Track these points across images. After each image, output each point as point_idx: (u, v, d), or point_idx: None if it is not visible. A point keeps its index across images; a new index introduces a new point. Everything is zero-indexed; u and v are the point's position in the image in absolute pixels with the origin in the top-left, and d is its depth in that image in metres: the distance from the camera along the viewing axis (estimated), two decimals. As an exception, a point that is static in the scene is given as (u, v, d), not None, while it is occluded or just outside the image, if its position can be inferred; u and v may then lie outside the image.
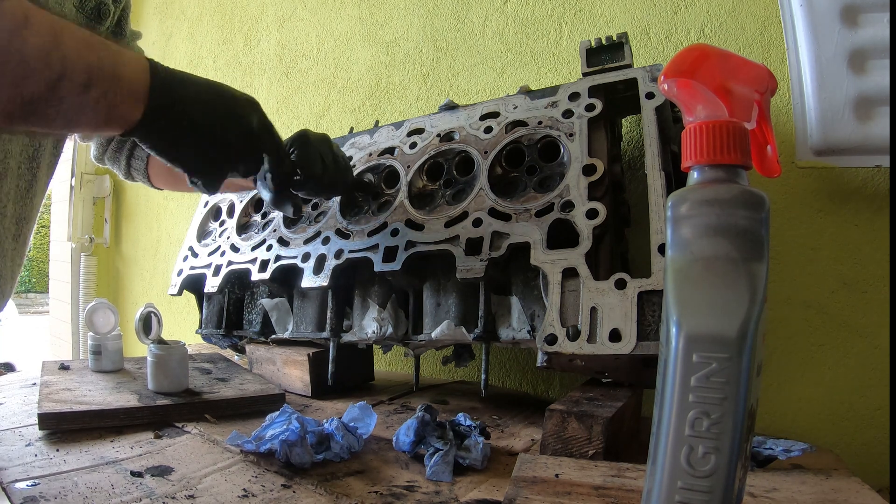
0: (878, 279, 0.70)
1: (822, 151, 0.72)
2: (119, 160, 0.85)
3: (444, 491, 0.49)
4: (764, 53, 0.78)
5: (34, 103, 0.43)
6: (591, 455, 0.52)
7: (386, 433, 0.65)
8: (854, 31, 0.69)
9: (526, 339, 0.67)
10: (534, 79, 1.02)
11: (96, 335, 0.87)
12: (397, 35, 1.25)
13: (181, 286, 1.02)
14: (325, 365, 0.82)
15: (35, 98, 0.43)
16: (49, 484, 0.48)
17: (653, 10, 0.89)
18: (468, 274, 0.67)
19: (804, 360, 0.74)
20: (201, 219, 1.09)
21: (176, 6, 2.00)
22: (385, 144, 0.88)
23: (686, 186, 0.32)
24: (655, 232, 0.59)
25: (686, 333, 0.30)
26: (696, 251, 0.31)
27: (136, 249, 2.11)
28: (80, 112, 0.46)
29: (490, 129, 0.77)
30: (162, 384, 0.73)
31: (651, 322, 0.55)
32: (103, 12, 0.69)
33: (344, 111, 1.35)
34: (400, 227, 0.75)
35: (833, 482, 0.47)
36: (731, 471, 0.28)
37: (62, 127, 0.47)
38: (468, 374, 1.04)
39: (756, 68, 0.33)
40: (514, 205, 0.68)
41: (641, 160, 0.83)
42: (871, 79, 0.68)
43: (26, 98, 0.43)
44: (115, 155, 0.85)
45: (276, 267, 0.86)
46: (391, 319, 0.78)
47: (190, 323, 1.73)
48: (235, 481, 0.51)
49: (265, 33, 1.59)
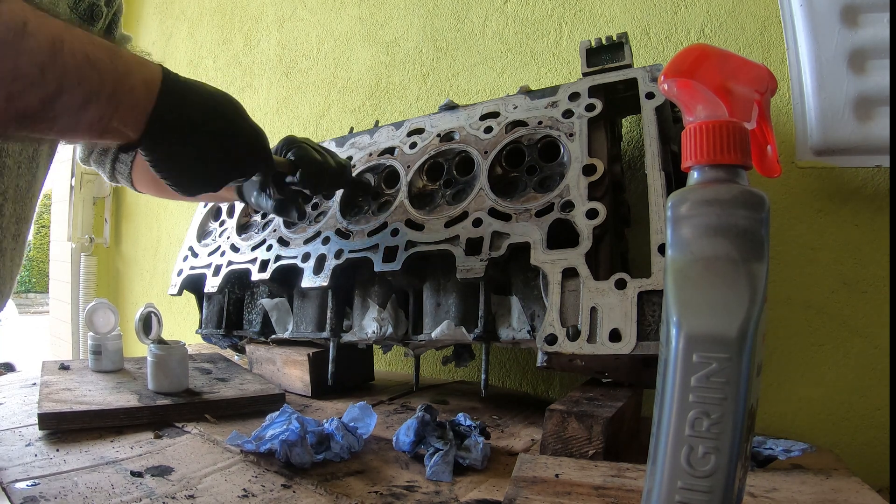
0: (878, 279, 0.70)
1: (822, 151, 0.72)
2: (104, 163, 0.83)
3: (444, 491, 0.49)
4: (764, 53, 0.78)
5: (27, 118, 0.42)
6: (591, 455, 0.52)
7: (386, 433, 0.65)
8: (854, 31, 0.69)
9: (526, 339, 0.67)
10: (534, 79, 1.02)
11: (96, 335, 0.87)
12: (397, 35, 1.25)
13: (181, 286, 1.02)
14: (325, 365, 0.82)
15: (28, 113, 0.41)
16: (49, 484, 0.48)
17: (653, 10, 0.89)
18: (468, 274, 0.67)
19: (804, 360, 0.74)
20: (201, 219, 1.09)
21: (176, 6, 2.00)
22: (385, 144, 0.88)
23: (686, 186, 0.32)
24: (655, 232, 0.59)
25: (686, 333, 0.30)
26: (696, 251, 0.31)
27: (136, 249, 2.11)
28: (74, 129, 0.45)
29: (490, 129, 0.77)
30: (162, 384, 0.73)
31: (651, 322, 0.55)
32: (96, 14, 0.68)
33: (344, 111, 1.35)
34: (400, 227, 0.75)
35: (833, 482, 0.47)
36: (731, 471, 0.28)
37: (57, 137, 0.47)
38: (468, 374, 1.04)
39: (756, 68, 0.33)
40: (514, 205, 0.68)
41: (641, 160, 0.83)
42: (871, 79, 0.68)
43: (19, 112, 0.41)
44: (100, 158, 0.83)
45: (276, 267, 0.86)
46: (391, 319, 0.78)
47: (190, 323, 1.73)
48: (235, 481, 0.51)
49: (265, 33, 1.59)
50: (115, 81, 0.45)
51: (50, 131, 0.44)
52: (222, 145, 0.54)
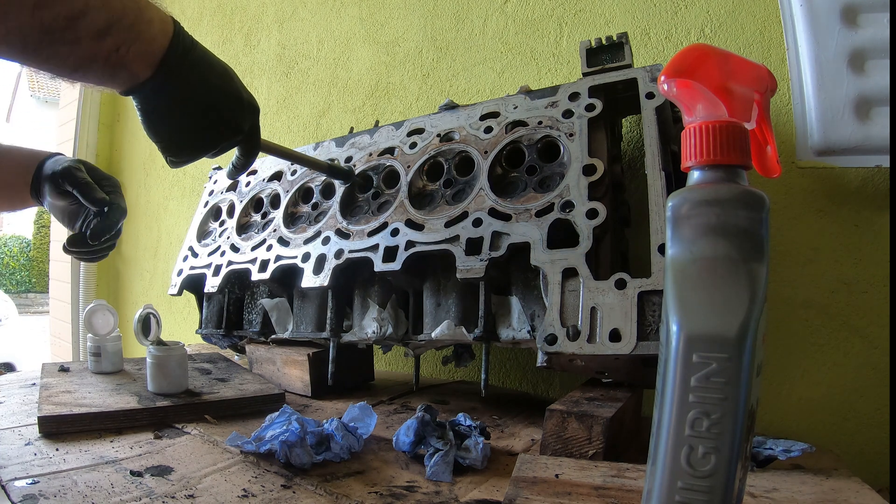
0: (878, 279, 0.70)
1: (822, 151, 0.72)
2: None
3: (444, 491, 0.49)
4: (764, 53, 0.78)
5: (51, 33, 0.43)
6: (591, 455, 0.52)
7: (386, 433, 0.65)
8: (854, 31, 0.69)
9: (526, 339, 0.67)
10: (534, 79, 1.02)
11: (95, 337, 0.87)
12: (397, 35, 1.25)
13: (181, 286, 1.02)
14: (325, 365, 0.82)
15: (53, 28, 0.43)
16: (48, 482, 0.48)
17: (653, 10, 0.89)
18: (468, 274, 0.67)
19: (804, 360, 0.74)
20: (201, 219, 1.09)
21: (176, 6, 2.00)
22: (385, 144, 0.88)
23: (686, 186, 0.32)
24: (655, 232, 0.58)
25: (686, 333, 0.30)
26: (696, 251, 0.30)
27: (136, 249, 2.11)
28: (91, 59, 0.46)
29: (490, 129, 0.77)
30: (161, 385, 0.73)
31: (651, 322, 0.55)
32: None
33: (344, 111, 1.35)
34: (400, 226, 0.75)
35: (833, 482, 0.47)
36: (731, 471, 0.28)
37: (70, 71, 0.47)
38: (468, 374, 1.04)
39: (756, 68, 0.33)
40: (514, 205, 0.68)
41: (641, 160, 0.83)
42: (871, 79, 0.68)
43: (45, 25, 0.42)
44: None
45: (276, 267, 0.86)
46: (391, 319, 0.78)
47: (190, 323, 1.73)
48: (235, 481, 0.51)
49: (265, 33, 1.59)
50: (136, 11, 0.47)
51: (69, 57, 0.45)
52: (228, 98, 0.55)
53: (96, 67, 0.47)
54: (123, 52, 0.47)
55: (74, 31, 0.44)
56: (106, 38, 0.45)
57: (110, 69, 0.47)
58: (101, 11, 0.44)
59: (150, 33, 0.48)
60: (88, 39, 0.44)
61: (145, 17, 0.48)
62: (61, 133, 2.33)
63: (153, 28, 0.48)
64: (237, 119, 0.57)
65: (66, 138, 2.24)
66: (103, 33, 0.45)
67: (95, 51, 0.45)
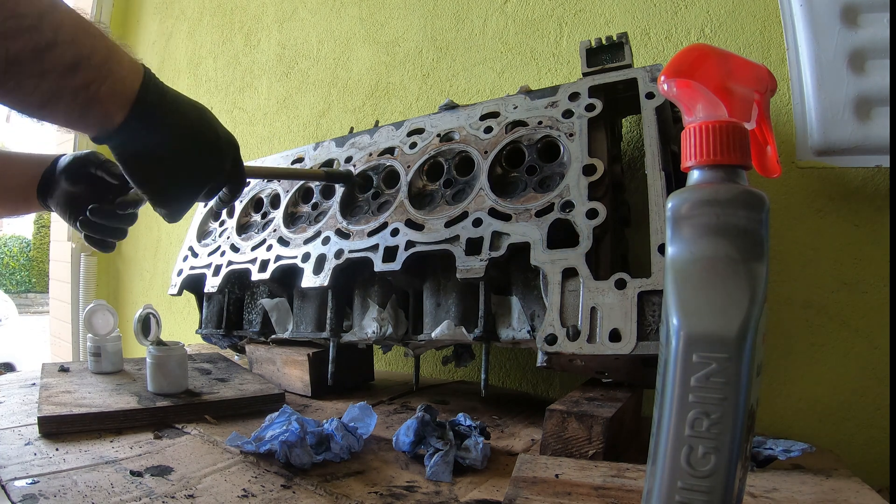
0: (878, 279, 0.70)
1: (822, 151, 0.72)
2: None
3: (444, 491, 0.49)
4: (764, 53, 0.78)
5: (17, 64, 0.41)
6: (591, 455, 0.52)
7: (386, 433, 0.65)
8: (854, 31, 0.69)
9: (526, 339, 0.67)
10: (534, 79, 1.02)
11: (95, 337, 0.87)
12: (397, 35, 1.25)
13: (181, 286, 1.02)
14: (325, 365, 0.82)
15: (20, 59, 0.41)
16: (48, 482, 0.48)
17: (653, 10, 0.89)
18: (468, 274, 0.67)
19: (804, 360, 0.74)
20: (201, 219, 1.09)
21: (176, 6, 2.00)
22: (385, 144, 0.88)
23: (686, 186, 0.32)
24: (655, 232, 0.58)
25: (686, 333, 0.30)
26: (696, 251, 0.30)
27: (136, 249, 2.11)
28: (58, 95, 0.44)
29: (490, 129, 0.77)
30: (161, 385, 0.73)
31: (651, 322, 0.55)
32: None
33: (344, 111, 1.35)
34: (400, 226, 0.75)
35: (833, 482, 0.47)
36: (731, 471, 0.28)
37: (37, 107, 0.45)
38: (468, 374, 1.04)
39: (756, 68, 0.33)
40: (514, 205, 0.68)
41: (641, 160, 0.83)
42: (871, 79, 0.68)
43: (11, 55, 0.41)
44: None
45: (276, 267, 0.86)
46: (391, 319, 0.78)
47: (190, 323, 1.73)
48: (235, 481, 0.51)
49: (265, 33, 1.59)
50: (106, 51, 0.46)
51: (35, 91, 0.43)
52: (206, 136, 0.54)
53: (64, 105, 0.45)
54: (94, 90, 0.45)
55: (40, 64, 0.42)
56: (76, 73, 0.44)
57: (80, 107, 0.46)
58: (71, 47, 0.43)
59: (120, 73, 0.47)
60: (56, 74, 0.43)
61: (115, 58, 0.47)
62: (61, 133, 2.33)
63: (123, 68, 0.47)
64: (218, 157, 0.56)
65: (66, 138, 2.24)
66: (72, 69, 0.44)
67: (63, 85, 0.44)
